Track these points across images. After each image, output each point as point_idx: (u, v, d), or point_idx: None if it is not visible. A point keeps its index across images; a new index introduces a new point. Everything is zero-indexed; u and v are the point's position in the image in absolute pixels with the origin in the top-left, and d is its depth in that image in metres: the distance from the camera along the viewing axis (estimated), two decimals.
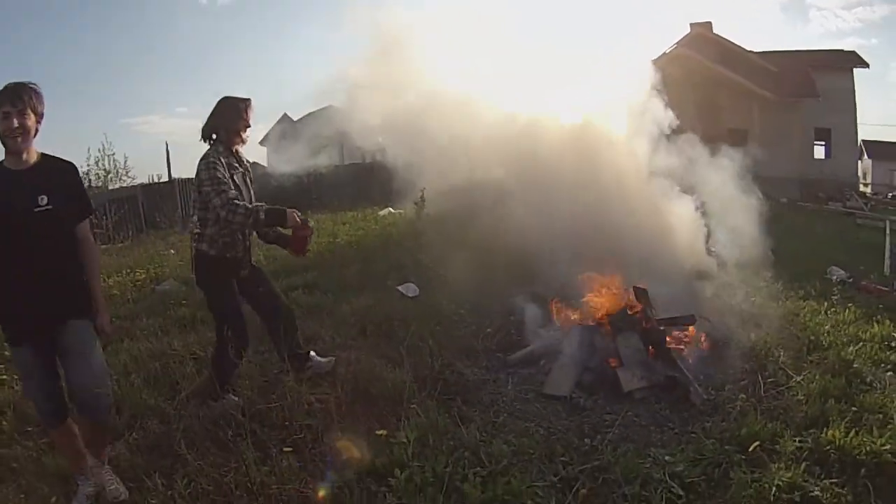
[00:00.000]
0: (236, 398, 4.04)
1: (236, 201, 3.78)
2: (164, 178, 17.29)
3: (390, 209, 13.02)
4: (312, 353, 4.57)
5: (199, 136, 4.08)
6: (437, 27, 7.51)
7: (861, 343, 5.00)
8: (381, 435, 3.57)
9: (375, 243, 9.13)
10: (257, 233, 4.25)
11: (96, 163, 19.29)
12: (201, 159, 3.93)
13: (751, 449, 3.36)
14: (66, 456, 3.36)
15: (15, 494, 3.29)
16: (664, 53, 21.05)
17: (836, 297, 6.28)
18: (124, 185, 18.64)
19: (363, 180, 15.92)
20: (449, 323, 5.50)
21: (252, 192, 4.15)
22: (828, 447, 3.39)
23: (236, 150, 4.10)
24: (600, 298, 5.07)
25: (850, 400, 3.97)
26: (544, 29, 7.63)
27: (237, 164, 4.05)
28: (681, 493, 3.08)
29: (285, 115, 19.65)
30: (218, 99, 4.10)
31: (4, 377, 4.75)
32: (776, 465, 3.20)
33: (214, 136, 4.03)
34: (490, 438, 3.66)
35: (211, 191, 3.81)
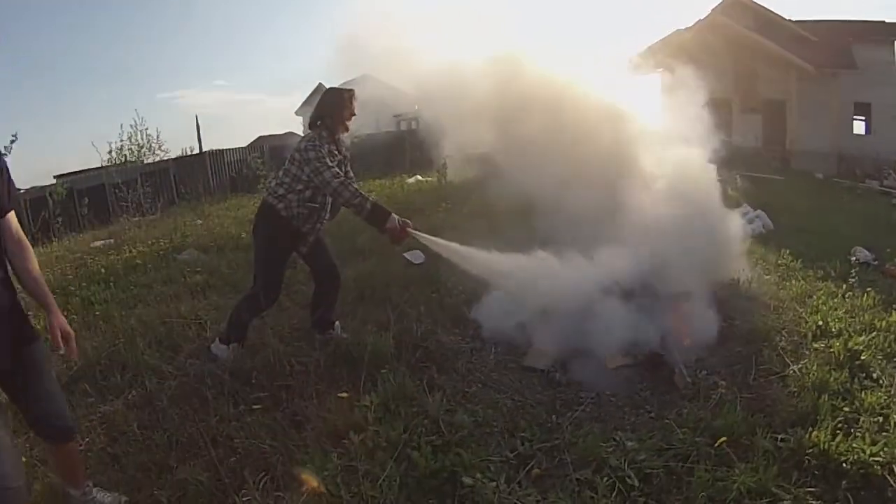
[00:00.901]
0: (231, 351, 4.01)
1: (347, 182, 3.77)
2: (196, 151, 17.01)
3: (418, 177, 12.64)
4: (337, 323, 4.40)
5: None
6: None
7: (874, 333, 4.30)
8: (344, 398, 3.31)
9: (395, 210, 8.59)
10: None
11: (129, 138, 19.28)
12: (305, 140, 3.90)
13: (716, 444, 2.86)
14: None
15: None
16: (699, 20, 19.70)
17: (854, 280, 5.54)
18: (158, 158, 18.52)
19: (395, 148, 15.57)
20: (445, 290, 5.12)
21: (351, 179, 4.05)
22: (811, 449, 2.83)
23: (337, 139, 4.02)
24: None
25: (848, 397, 3.38)
26: None
27: (337, 152, 3.97)
28: (636, 483, 2.65)
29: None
30: (324, 83, 4.31)
31: None
32: (746, 465, 2.70)
33: (319, 123, 3.97)
34: (456, 408, 3.33)
35: (321, 166, 3.76)
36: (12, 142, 8.52)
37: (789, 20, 20.25)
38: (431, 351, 4.03)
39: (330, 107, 3.98)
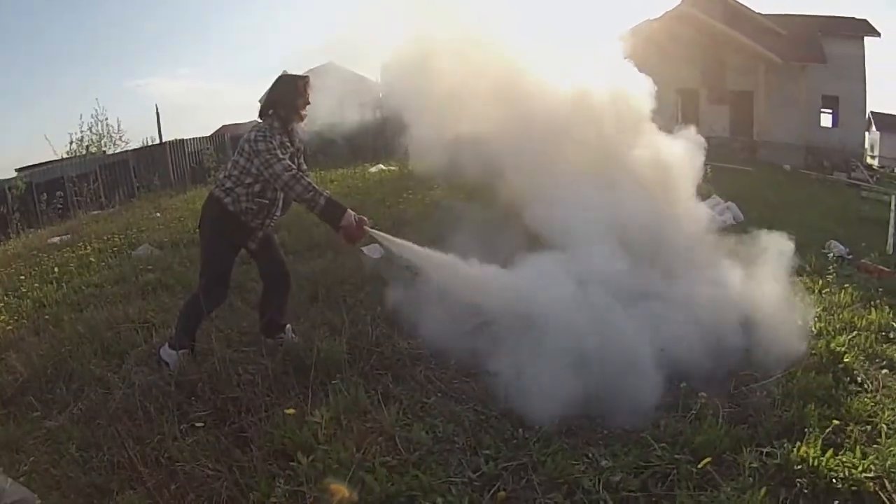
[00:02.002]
0: (180, 357, 3.67)
1: (298, 175, 3.47)
2: (157, 142, 16.37)
3: (381, 166, 12.27)
4: (289, 326, 4.09)
5: (258, 110, 3.75)
6: None
7: (855, 332, 4.09)
8: (290, 414, 2.96)
9: (355, 202, 8.22)
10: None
11: (89, 129, 18.55)
12: (255, 130, 3.58)
13: (701, 465, 2.55)
14: None
15: None
16: (667, 12, 19.46)
17: (831, 277, 5.32)
18: (119, 149, 17.79)
19: (360, 138, 15.15)
20: (404, 287, 4.67)
21: (304, 172, 3.73)
22: (800, 466, 2.55)
23: (292, 129, 3.73)
24: None
25: (834, 404, 3.13)
26: None
27: (289, 144, 3.68)
28: None
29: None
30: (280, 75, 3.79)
31: None
32: (731, 485, 2.41)
33: (271, 112, 3.66)
34: (413, 422, 3.02)
35: (271, 158, 3.47)
36: None
37: (759, 13, 20.17)
38: (387, 357, 3.72)
39: (283, 95, 3.67)
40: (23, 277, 6.57)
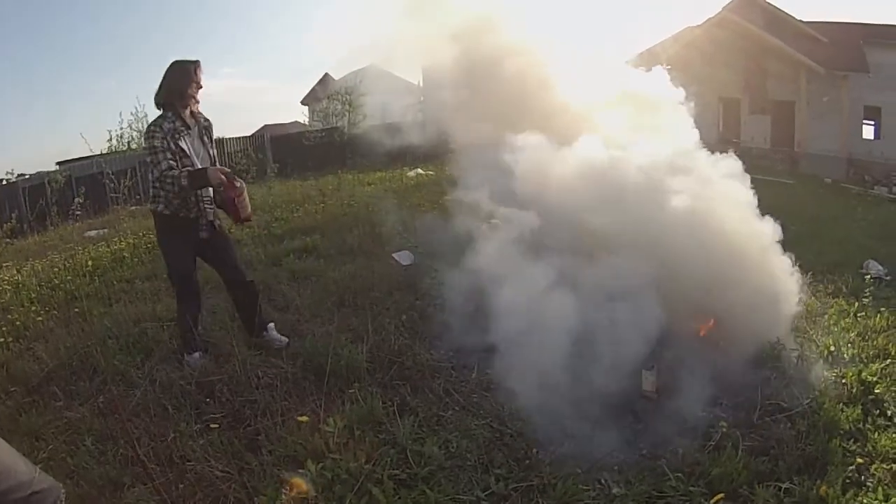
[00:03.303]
0: (200, 358, 3.81)
1: (166, 172, 3.57)
2: None
3: (419, 170, 12.27)
4: (271, 324, 4.17)
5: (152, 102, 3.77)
6: None
7: (889, 360, 3.89)
8: (303, 422, 2.97)
9: (391, 205, 8.29)
10: (213, 200, 3.89)
11: (129, 126, 18.91)
12: (147, 127, 3.75)
13: (714, 501, 2.47)
14: None
15: None
16: (708, 18, 19.06)
17: (867, 299, 5.12)
18: None
19: (397, 140, 15.04)
20: (429, 297, 4.73)
21: (210, 150, 3.90)
22: None
23: (190, 112, 3.75)
24: None
25: (861, 438, 2.99)
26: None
27: (184, 127, 3.70)
28: None
29: (327, 74, 18.80)
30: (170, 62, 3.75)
31: (1, 340, 4.61)
32: None
33: (164, 103, 3.72)
34: (427, 436, 2.98)
35: (150, 162, 3.67)
36: None
37: (800, 20, 19.61)
38: (407, 367, 3.69)
39: (172, 82, 3.70)
40: (56, 269, 6.70)
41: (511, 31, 5.86)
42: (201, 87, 3.74)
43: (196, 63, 3.72)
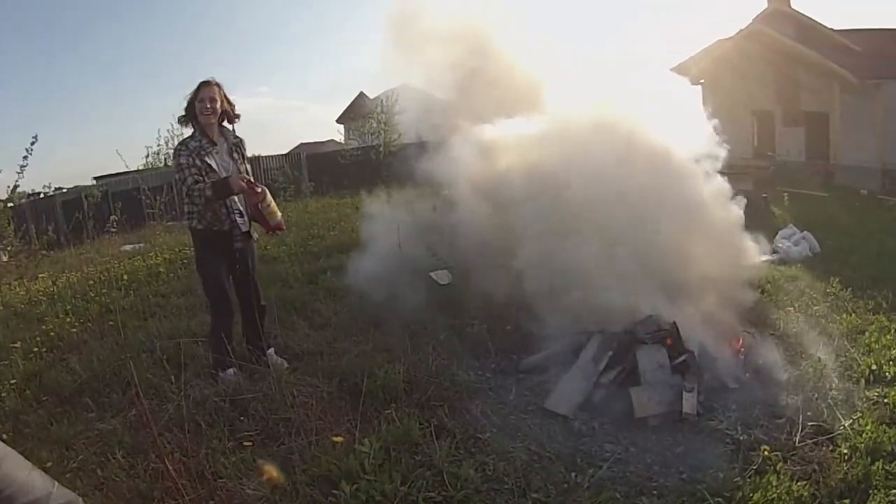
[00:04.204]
0: (235, 375, 3.82)
1: (192, 186, 3.71)
2: None
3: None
4: (271, 350, 4.24)
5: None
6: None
7: None
8: (338, 442, 2.95)
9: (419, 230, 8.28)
10: (245, 212, 4.00)
11: (166, 143, 19.33)
12: (175, 146, 3.97)
13: None
14: None
15: None
16: (739, 31, 18.70)
17: None
18: None
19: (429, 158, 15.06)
20: (467, 316, 4.69)
21: (241, 166, 3.97)
22: None
23: (219, 129, 3.92)
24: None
25: None
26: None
27: (210, 145, 3.84)
28: None
29: (361, 92, 18.96)
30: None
31: (35, 350, 4.69)
32: None
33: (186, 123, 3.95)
34: (464, 458, 2.95)
35: (178, 179, 3.88)
36: (33, 143, 8.56)
37: (831, 29, 19.25)
38: (445, 388, 3.65)
39: (187, 104, 3.86)
40: (92, 282, 6.81)
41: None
42: (209, 106, 3.78)
43: (206, 83, 3.82)
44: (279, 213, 4.00)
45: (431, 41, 6.31)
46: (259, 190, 3.79)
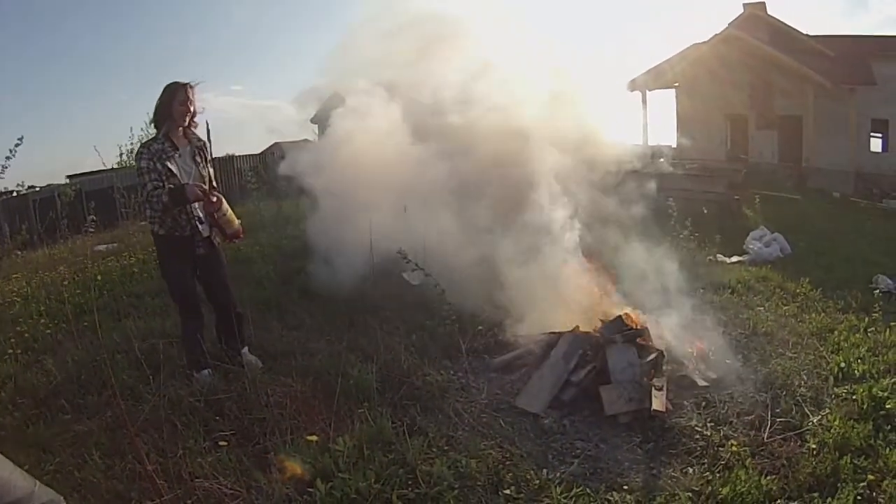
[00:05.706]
0: (209, 376, 3.79)
1: (151, 192, 3.63)
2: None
3: None
4: (245, 349, 4.17)
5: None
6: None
7: None
8: (312, 441, 2.97)
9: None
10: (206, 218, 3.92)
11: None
12: (137, 149, 3.87)
13: None
14: None
15: None
16: (714, 35, 19.01)
17: (877, 314, 5.10)
18: None
19: None
20: (439, 317, 4.64)
21: (203, 170, 3.90)
22: None
23: (183, 132, 3.81)
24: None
25: (872, 455, 2.98)
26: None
27: (172, 148, 3.74)
28: None
29: (336, 92, 18.84)
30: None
31: (10, 351, 4.65)
32: None
33: (155, 124, 3.84)
34: (437, 456, 2.98)
35: (139, 183, 3.75)
36: (17, 145, 8.36)
37: (806, 35, 19.61)
38: (417, 387, 3.68)
39: (160, 104, 3.74)
40: (66, 283, 6.70)
41: None
42: (190, 109, 3.75)
43: (184, 85, 3.73)
44: (237, 221, 3.97)
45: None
46: (215, 199, 3.76)
